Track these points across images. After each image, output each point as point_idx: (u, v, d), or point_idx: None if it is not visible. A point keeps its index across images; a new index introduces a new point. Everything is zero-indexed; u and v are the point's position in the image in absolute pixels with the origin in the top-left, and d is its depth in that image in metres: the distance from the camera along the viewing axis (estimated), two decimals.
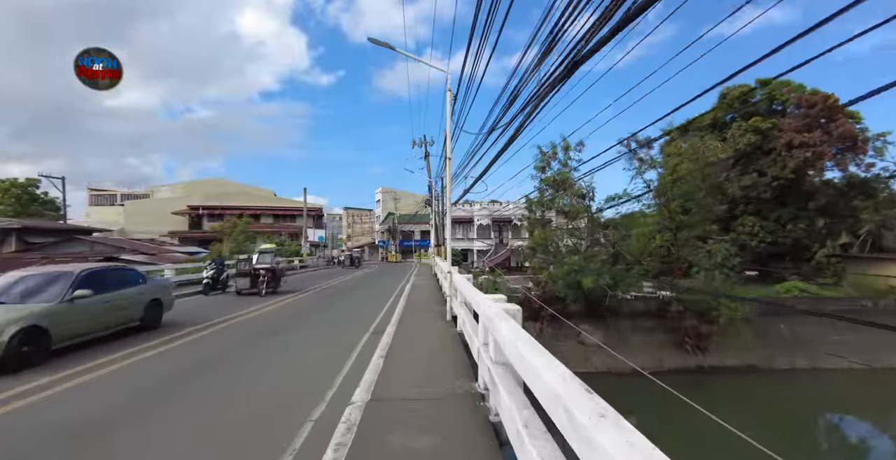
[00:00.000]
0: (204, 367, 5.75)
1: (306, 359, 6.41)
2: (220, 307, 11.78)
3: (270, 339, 7.73)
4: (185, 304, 12.00)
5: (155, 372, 5.57)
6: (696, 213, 16.59)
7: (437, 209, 33.07)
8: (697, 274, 21.56)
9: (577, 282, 16.37)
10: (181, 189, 60.12)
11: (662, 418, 16.46)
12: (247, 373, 5.53)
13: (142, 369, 5.71)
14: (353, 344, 7.02)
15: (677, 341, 21.13)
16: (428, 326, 7.92)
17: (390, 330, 7.49)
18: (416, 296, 13.13)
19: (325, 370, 5.52)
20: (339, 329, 8.73)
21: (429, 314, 9.37)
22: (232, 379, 5.31)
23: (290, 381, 5.24)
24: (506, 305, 3.54)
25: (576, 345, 21.58)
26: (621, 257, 17.03)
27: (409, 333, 7.23)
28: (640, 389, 19.59)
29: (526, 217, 22.42)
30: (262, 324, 9.30)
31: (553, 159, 20.64)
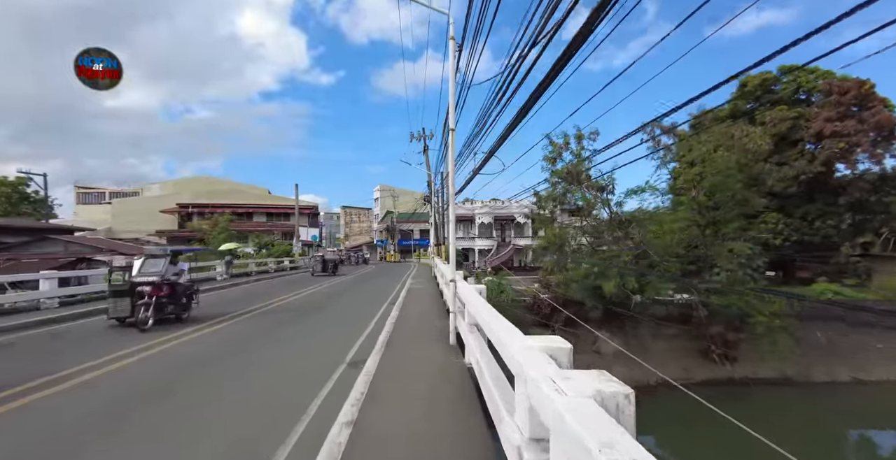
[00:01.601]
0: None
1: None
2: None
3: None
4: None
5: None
6: (732, 207, 14.59)
7: (437, 206, 31.05)
8: (717, 275, 19.61)
9: (596, 287, 14.39)
10: (171, 187, 58.13)
11: (692, 435, 14.49)
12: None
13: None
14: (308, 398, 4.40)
15: (703, 350, 19.18)
16: (424, 358, 5.66)
17: (372, 362, 5.49)
18: (412, 306, 10.94)
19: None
20: (302, 364, 5.92)
21: (427, 333, 7.42)
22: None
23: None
24: (578, 376, 1.58)
25: (592, 355, 19.61)
26: (645, 258, 15.04)
27: (397, 369, 5.20)
28: (666, 404, 17.60)
29: (535, 213, 20.38)
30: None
31: (565, 149, 18.61)
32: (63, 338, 7.88)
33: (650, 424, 13.67)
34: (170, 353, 6.51)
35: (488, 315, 3.53)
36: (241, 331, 8.39)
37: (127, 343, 6.98)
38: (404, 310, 10.15)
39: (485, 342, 4.28)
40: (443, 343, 6.43)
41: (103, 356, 6.12)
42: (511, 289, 23.42)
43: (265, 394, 4.69)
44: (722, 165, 13.90)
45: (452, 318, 6.18)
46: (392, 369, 5.16)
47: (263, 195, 58.89)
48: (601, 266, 14.56)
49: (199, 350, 6.78)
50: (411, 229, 60.55)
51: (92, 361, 5.86)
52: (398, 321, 8.64)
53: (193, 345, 7.08)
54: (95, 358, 6.02)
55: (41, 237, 27.75)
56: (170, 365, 5.92)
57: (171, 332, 7.89)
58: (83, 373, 5.36)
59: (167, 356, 6.37)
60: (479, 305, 4.15)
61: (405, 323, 8.45)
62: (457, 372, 4.98)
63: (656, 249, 14.65)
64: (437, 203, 30.61)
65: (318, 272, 22.95)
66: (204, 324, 8.77)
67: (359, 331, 7.86)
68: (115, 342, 7.14)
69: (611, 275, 14.24)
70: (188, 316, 9.37)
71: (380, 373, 4.98)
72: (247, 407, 4.32)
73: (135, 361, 6.01)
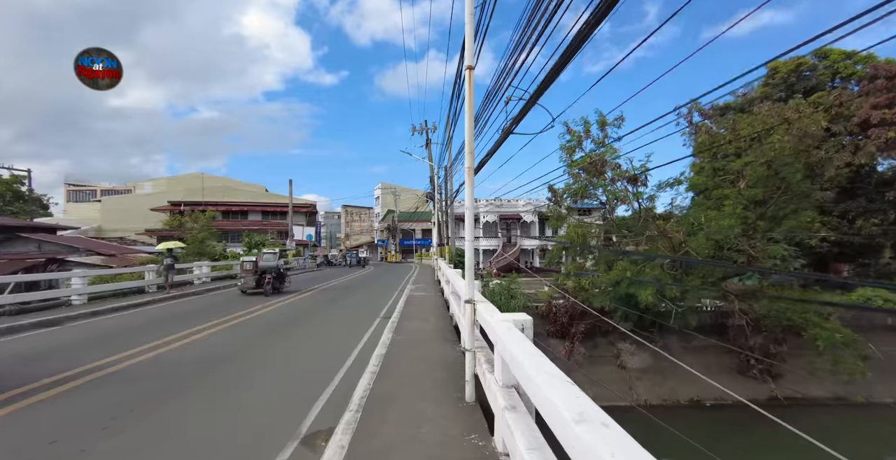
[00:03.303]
0: None
1: None
2: None
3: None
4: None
5: None
6: (788, 201, 12.38)
7: (440, 205, 28.89)
8: (749, 279, 17.39)
9: (629, 295, 12.23)
10: (164, 184, 56.28)
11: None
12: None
13: None
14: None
15: (740, 364, 16.96)
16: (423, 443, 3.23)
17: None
18: (411, 327, 8.09)
19: None
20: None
21: (428, 378, 4.95)
22: None
23: None
24: None
25: (616, 369, 17.40)
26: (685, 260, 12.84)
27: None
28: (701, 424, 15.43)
29: (551, 208, 18.16)
30: None
31: (586, 138, 16.38)
32: None
33: (672, 447, 11.61)
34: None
35: (567, 404, 1.42)
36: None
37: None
38: (400, 335, 7.90)
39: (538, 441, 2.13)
40: (454, 401, 4.13)
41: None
42: (522, 295, 21.25)
43: None
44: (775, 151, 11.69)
45: (470, 362, 4.01)
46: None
47: (260, 193, 57.02)
48: (632, 270, 12.37)
49: None
50: (413, 228, 58.66)
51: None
52: (388, 358, 5.86)
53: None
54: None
55: (12, 236, 25.77)
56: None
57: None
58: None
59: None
60: (532, 365, 2.01)
61: (399, 361, 5.77)
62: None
63: (699, 251, 12.44)
64: (440, 200, 28.45)
65: (251, 288, 14.50)
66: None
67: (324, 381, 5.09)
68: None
69: (645, 280, 12.03)
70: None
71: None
72: None
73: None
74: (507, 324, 2.95)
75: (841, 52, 25.66)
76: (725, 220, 12.06)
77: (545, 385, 1.87)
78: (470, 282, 4.01)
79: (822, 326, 13.26)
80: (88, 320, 9.70)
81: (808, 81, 24.25)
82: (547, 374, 2.01)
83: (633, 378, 17.09)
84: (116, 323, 9.35)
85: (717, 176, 14.13)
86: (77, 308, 11.13)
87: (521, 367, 2.33)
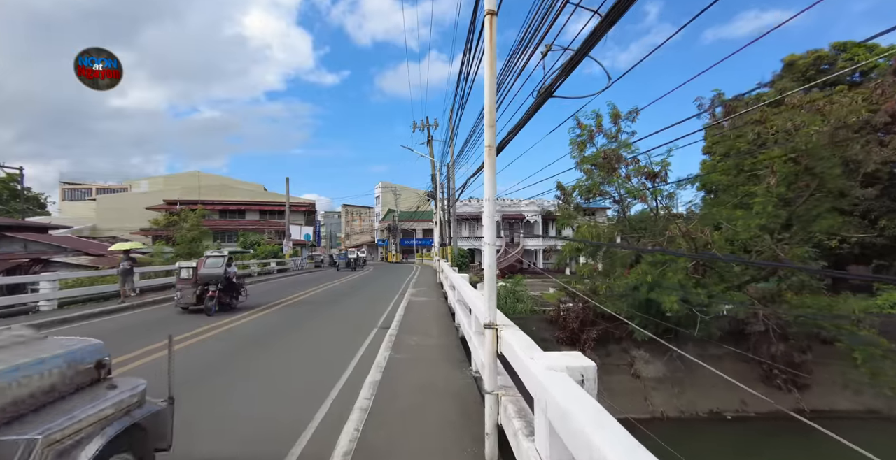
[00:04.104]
0: None
1: None
2: None
3: None
4: None
5: None
6: (822, 199, 11.31)
7: (442, 204, 27.85)
8: (767, 282, 16.31)
9: (648, 301, 11.19)
10: (161, 183, 55.28)
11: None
12: None
13: None
14: None
15: (763, 374, 15.90)
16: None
17: None
18: (412, 342, 7.02)
19: None
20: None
21: (439, 429, 3.64)
22: None
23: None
24: None
25: (630, 379, 16.34)
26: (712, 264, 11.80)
27: None
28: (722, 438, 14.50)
29: (562, 207, 17.10)
30: None
31: (598, 132, 15.33)
32: None
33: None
34: None
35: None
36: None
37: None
38: (397, 356, 6.84)
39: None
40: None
41: None
42: (529, 298, 20.21)
43: None
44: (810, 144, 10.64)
45: (492, 409, 2.96)
46: None
47: (258, 192, 55.99)
48: (652, 273, 11.33)
49: None
50: (414, 228, 57.70)
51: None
52: (383, 389, 4.65)
53: None
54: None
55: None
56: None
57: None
58: None
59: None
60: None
61: (397, 393, 4.53)
62: None
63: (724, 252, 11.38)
64: (442, 199, 27.41)
65: (192, 304, 10.96)
66: None
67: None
68: None
69: (669, 285, 11.00)
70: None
71: None
72: None
73: None
74: (559, 376, 1.91)
75: (858, 44, 24.63)
76: (754, 220, 11.01)
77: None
78: (491, 297, 2.98)
79: (856, 335, 12.20)
80: (55, 329, 8.63)
81: (828, 75, 23.17)
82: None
83: (649, 388, 16.05)
84: (77, 332, 8.15)
85: (740, 172, 13.07)
86: (45, 315, 10.11)
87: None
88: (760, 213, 10.98)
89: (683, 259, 11.53)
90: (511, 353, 2.63)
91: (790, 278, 15.45)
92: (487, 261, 3.04)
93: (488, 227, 3.01)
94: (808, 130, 10.39)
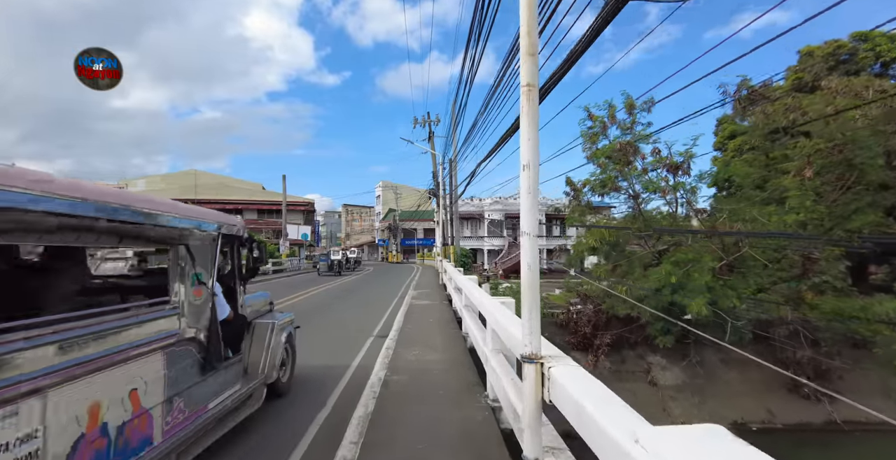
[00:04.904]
0: None
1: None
2: None
3: None
4: None
5: None
6: (860, 193, 10.24)
7: (444, 202, 26.80)
8: (796, 282, 15.25)
9: (672, 304, 10.14)
10: (159, 182, 54.20)
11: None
12: None
13: None
14: None
15: (789, 381, 14.82)
16: None
17: None
18: (413, 357, 5.95)
19: None
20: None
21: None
22: None
23: None
24: None
25: (646, 386, 15.28)
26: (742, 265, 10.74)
27: None
28: None
29: (570, 204, 16.03)
30: None
31: (611, 123, 14.27)
32: None
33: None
34: None
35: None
36: None
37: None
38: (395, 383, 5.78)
39: None
40: None
41: None
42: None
43: None
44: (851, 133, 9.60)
45: None
46: None
47: (256, 191, 54.97)
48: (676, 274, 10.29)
49: None
50: (415, 228, 56.69)
51: None
52: (374, 430, 3.50)
53: None
54: None
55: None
56: None
57: None
58: None
59: None
60: None
61: (394, 436, 3.44)
62: None
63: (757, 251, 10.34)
64: (443, 196, 26.35)
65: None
66: None
67: None
68: None
69: (695, 288, 9.95)
70: None
71: None
72: None
73: None
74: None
75: (880, 34, 23.54)
76: (789, 216, 9.96)
77: None
78: (533, 315, 1.93)
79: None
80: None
81: (849, 66, 22.07)
82: None
83: (667, 397, 14.99)
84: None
85: (769, 164, 12.01)
86: None
87: None
88: (796, 208, 9.93)
89: (709, 258, 10.47)
90: (575, 412, 1.57)
91: (811, 279, 14.41)
92: (527, 259, 2.00)
93: (528, 210, 1.97)
94: (852, 115, 9.36)
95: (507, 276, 32.24)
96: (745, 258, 10.56)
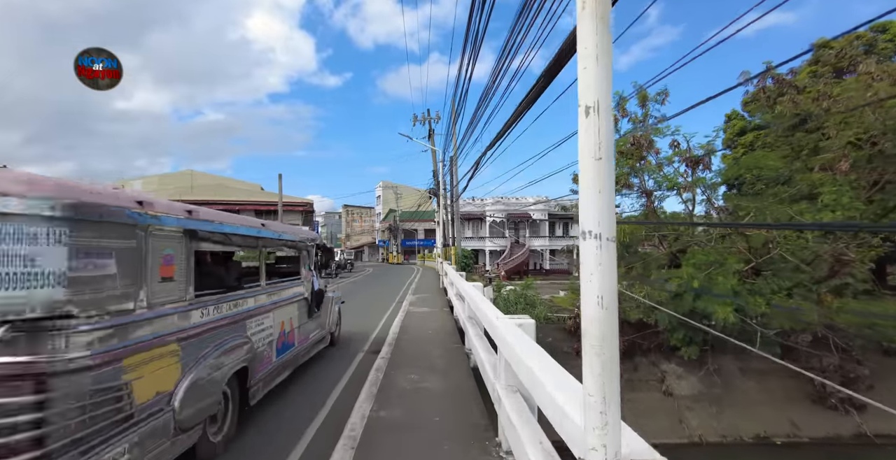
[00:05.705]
0: None
1: None
2: None
3: None
4: None
5: None
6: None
7: (445, 201, 25.90)
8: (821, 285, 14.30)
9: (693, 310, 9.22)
10: (156, 182, 53.41)
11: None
12: None
13: None
14: None
15: (813, 391, 13.87)
16: None
17: None
18: (407, 384, 5.11)
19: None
20: None
21: None
22: None
23: None
24: None
25: (661, 396, 14.34)
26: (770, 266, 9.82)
27: None
28: None
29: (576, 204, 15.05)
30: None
31: (623, 116, 13.36)
32: None
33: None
34: None
35: None
36: None
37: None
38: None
39: None
40: None
41: None
42: (542, 303, 18.23)
43: None
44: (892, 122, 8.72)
45: None
46: None
47: (255, 191, 54.09)
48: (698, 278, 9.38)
49: None
50: (415, 228, 55.91)
51: None
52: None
53: None
54: None
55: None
56: None
57: None
58: None
59: None
60: None
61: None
62: None
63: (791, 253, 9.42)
64: (444, 196, 25.45)
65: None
66: None
67: None
68: None
69: (720, 293, 9.03)
70: None
71: None
72: None
73: None
74: None
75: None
76: (824, 214, 9.04)
77: None
78: (611, 406, 0.99)
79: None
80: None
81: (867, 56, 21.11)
82: None
83: (683, 407, 14.05)
84: None
85: (798, 156, 11.06)
86: None
87: None
88: (831, 205, 9.02)
89: (734, 259, 9.55)
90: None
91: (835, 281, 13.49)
92: (596, 287, 1.07)
93: (593, 195, 1.03)
94: (892, 102, 8.47)
95: (509, 277, 31.34)
96: (775, 260, 9.63)
